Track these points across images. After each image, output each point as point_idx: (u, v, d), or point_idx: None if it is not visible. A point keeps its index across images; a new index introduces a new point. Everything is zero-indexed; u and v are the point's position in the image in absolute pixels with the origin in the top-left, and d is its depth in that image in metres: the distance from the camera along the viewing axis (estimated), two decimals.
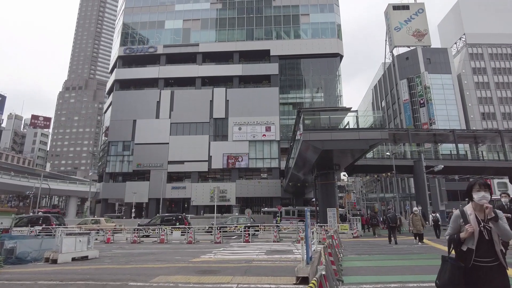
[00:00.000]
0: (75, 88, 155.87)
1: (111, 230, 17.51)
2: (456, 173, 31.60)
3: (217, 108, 53.36)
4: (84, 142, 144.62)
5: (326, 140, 18.63)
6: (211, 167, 50.75)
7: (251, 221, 22.43)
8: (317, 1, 59.01)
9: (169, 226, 18.86)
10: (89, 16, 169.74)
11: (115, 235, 19.45)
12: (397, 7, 67.94)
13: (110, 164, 53.83)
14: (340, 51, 55.85)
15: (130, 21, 61.10)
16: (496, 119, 60.93)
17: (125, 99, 55.75)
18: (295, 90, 57.04)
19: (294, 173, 30.99)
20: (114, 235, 19.43)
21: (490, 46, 66.61)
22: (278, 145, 51.10)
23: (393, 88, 68.42)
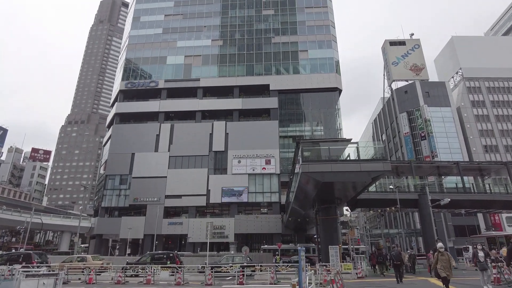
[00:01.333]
0: (77, 122, 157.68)
1: (94, 269, 16.12)
2: (463, 207, 30.30)
3: (217, 141, 53.00)
4: (84, 176, 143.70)
5: (326, 172, 17.80)
6: (209, 201, 49.37)
7: (247, 260, 20.97)
8: (315, 38, 60.67)
9: (159, 265, 17.52)
10: (95, 53, 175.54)
11: (102, 274, 18.06)
12: (394, 43, 69.84)
13: (106, 198, 52.53)
14: (338, 86, 56.48)
15: (133, 56, 62.59)
16: (499, 152, 60.22)
17: (124, 133, 55.62)
18: (295, 124, 57.00)
19: (295, 207, 29.77)
20: (101, 274, 18.05)
21: (486, 80, 67.54)
22: (278, 179, 50.05)
23: (393, 121, 68.47)
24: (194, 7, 66.49)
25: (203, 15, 65.33)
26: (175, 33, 64.18)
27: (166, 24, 65.34)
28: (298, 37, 61.01)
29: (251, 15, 64.33)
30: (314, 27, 61.81)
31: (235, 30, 63.14)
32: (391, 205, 26.78)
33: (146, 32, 64.98)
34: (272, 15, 64.03)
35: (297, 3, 64.48)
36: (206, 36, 63.35)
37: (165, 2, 67.80)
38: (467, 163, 31.58)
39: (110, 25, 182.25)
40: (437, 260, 10.89)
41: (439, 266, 10.65)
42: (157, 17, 66.33)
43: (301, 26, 61.99)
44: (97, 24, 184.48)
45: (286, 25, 62.44)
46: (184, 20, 65.35)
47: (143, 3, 68.22)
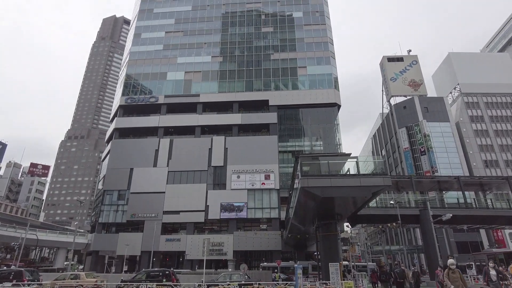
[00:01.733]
0: (77, 137, 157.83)
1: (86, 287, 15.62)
2: (465, 223, 29.83)
3: (216, 156, 52.79)
4: (82, 191, 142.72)
5: (325, 187, 17.53)
6: (208, 217, 48.72)
7: (245, 278, 20.41)
8: (314, 55, 61.39)
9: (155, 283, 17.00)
10: (96, 69, 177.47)
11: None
12: (392, 59, 70.68)
13: (104, 214, 51.88)
14: (337, 101, 56.74)
15: (133, 72, 63.16)
16: (499, 167, 59.97)
17: (123, 148, 55.49)
18: (294, 139, 56.97)
19: (294, 223, 29.27)
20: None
21: (484, 95, 68.03)
22: (277, 194, 49.58)
23: (393, 136, 68.50)
24: (195, 24, 67.60)
25: (203, 32, 66.34)
26: (176, 49, 64.97)
27: (166, 40, 66.25)
28: (296, 54, 61.76)
29: (251, 32, 65.36)
30: (313, 44, 62.65)
31: (235, 47, 64.00)
32: (392, 220, 26.35)
33: (147, 49, 65.79)
34: (271, 32, 65.05)
35: (295, 20, 65.63)
36: (206, 52, 64.12)
37: (166, 19, 68.97)
38: (468, 178, 31.30)
39: (112, 42, 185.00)
40: (449, 278, 10.11)
41: (453, 286, 9.91)
42: (158, 34, 67.32)
43: (299, 43, 62.85)
44: (99, 41, 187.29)
45: (285, 42, 63.31)
46: (185, 37, 66.30)
47: (144, 20, 69.40)
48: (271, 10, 67.55)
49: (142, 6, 71.25)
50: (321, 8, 66.81)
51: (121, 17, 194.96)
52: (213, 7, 69.45)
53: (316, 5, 67.32)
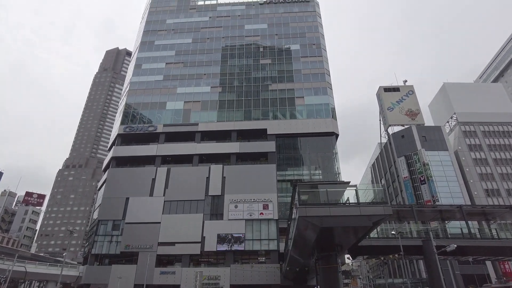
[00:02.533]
0: (75, 166, 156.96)
1: None
2: (471, 254, 28.79)
3: (213, 185, 52.07)
4: (77, 221, 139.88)
5: (325, 216, 16.97)
6: (204, 249, 47.14)
7: None
8: (311, 85, 62.48)
9: None
10: (97, 99, 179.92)
11: None
12: (388, 89, 71.94)
13: (97, 245, 50.23)
14: (335, 130, 56.95)
15: (133, 101, 63.79)
16: (501, 196, 59.20)
17: (120, 176, 54.87)
18: (293, 167, 56.57)
19: (293, 256, 28.23)
20: None
21: (481, 124, 68.59)
22: (276, 225, 48.35)
23: (392, 165, 68.19)
24: (195, 56, 69.31)
25: (203, 64, 67.89)
26: (176, 79, 66.11)
27: (167, 71, 67.57)
28: (294, 84, 62.84)
29: (250, 64, 66.92)
30: (310, 75, 63.96)
31: (234, 77, 65.24)
32: (394, 252, 25.41)
33: (147, 79, 66.94)
34: (269, 64, 66.65)
35: (293, 53, 67.46)
36: (206, 83, 65.23)
37: (167, 51, 70.80)
38: (470, 207, 30.62)
39: (114, 72, 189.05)
40: None
41: None
42: (159, 65, 68.79)
43: (297, 74, 64.19)
44: (101, 72, 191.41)
45: (283, 73, 64.66)
46: (185, 68, 67.73)
47: (145, 52, 71.18)
48: (269, 43, 69.59)
49: (144, 38, 73.41)
50: (318, 41, 68.90)
51: (123, 49, 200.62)
52: (213, 40, 71.57)
53: (312, 38, 69.51)
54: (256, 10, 76.20)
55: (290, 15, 74.30)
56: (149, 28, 75.05)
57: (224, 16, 75.91)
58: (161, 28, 74.73)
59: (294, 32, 70.91)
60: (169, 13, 77.62)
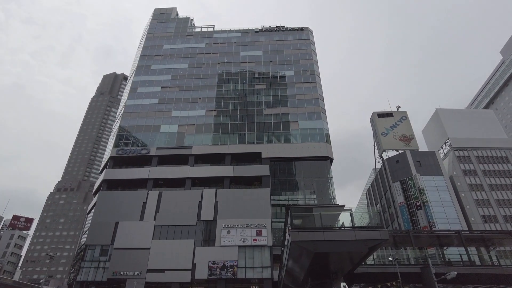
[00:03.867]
0: (66, 190, 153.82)
1: None
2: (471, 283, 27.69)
3: (206, 210, 50.83)
4: (66, 246, 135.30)
5: (318, 241, 16.24)
6: (195, 277, 45.22)
7: None
8: (305, 110, 62.95)
9: None
10: (93, 122, 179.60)
11: None
12: (382, 114, 72.65)
13: (83, 272, 48.01)
14: (329, 155, 56.76)
15: (127, 124, 63.48)
16: (498, 222, 58.44)
17: (110, 200, 53.50)
18: (287, 192, 55.74)
19: (287, 284, 27.06)
20: None
21: (475, 149, 68.93)
22: (270, 252, 46.84)
23: (387, 191, 67.59)
24: (191, 80, 69.99)
25: (198, 88, 68.43)
26: (171, 103, 66.29)
27: (162, 95, 67.86)
28: (288, 109, 63.29)
29: (245, 89, 67.62)
30: (304, 100, 64.62)
31: (229, 102, 65.62)
32: (391, 279, 24.35)
33: (142, 102, 67.05)
34: (264, 89, 67.39)
35: (287, 79, 68.48)
36: (201, 107, 65.45)
37: (163, 75, 71.49)
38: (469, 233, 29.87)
39: (111, 96, 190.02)
40: None
41: None
42: (154, 89, 69.18)
43: (291, 99, 64.84)
44: (98, 96, 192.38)
45: (277, 98, 65.27)
46: (180, 92, 68.15)
47: (141, 76, 71.76)
48: (264, 69, 70.73)
49: (141, 62, 74.26)
50: (312, 67, 70.22)
51: (121, 74, 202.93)
52: (209, 65, 72.63)
53: (306, 64, 70.88)
54: (251, 38, 78.02)
55: (285, 42, 76.09)
56: (146, 53, 76.15)
57: (220, 42, 77.51)
58: (158, 53, 75.87)
59: (289, 59, 72.33)
60: (166, 38, 79.14)
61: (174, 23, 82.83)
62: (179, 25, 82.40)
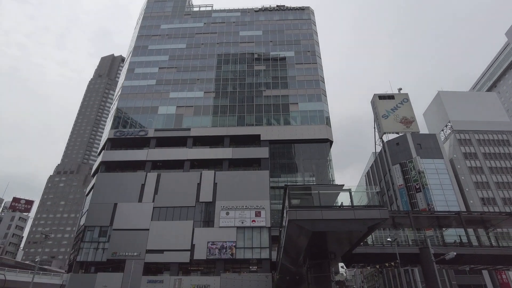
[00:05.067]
0: (66, 173, 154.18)
1: None
2: (470, 263, 27.72)
3: (205, 192, 50.68)
4: (67, 228, 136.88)
5: (316, 220, 15.83)
6: (194, 257, 45.50)
7: None
8: (305, 92, 61.89)
9: None
10: (91, 105, 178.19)
11: None
12: (383, 97, 71.56)
13: (83, 252, 48.32)
14: (329, 137, 56.17)
15: (124, 106, 62.60)
16: (497, 205, 58.45)
17: (108, 182, 53.27)
18: (286, 174, 55.47)
19: (284, 264, 26.96)
20: None
21: (476, 132, 68.26)
22: (268, 233, 46.94)
23: (386, 173, 67.38)
24: (189, 61, 68.56)
25: (197, 69, 67.12)
26: (169, 84, 65.16)
27: (159, 76, 66.64)
28: (288, 91, 62.20)
29: (244, 70, 66.29)
30: (304, 81, 63.45)
31: (228, 83, 64.47)
32: (390, 260, 24.27)
33: (140, 83, 65.92)
34: (263, 70, 66.06)
35: (287, 60, 67.02)
36: (199, 88, 64.35)
37: (160, 56, 69.97)
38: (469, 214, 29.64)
39: (109, 79, 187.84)
40: None
41: None
42: (151, 70, 67.87)
43: (291, 80, 63.63)
44: (96, 78, 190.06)
45: (277, 80, 64.05)
46: (178, 73, 66.88)
47: (138, 56, 70.27)
48: (264, 50, 69.16)
49: (138, 42, 72.61)
50: (312, 48, 68.65)
51: (119, 56, 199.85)
52: (207, 46, 70.98)
53: (307, 45, 69.24)
54: (251, 17, 76.00)
55: (285, 22, 74.15)
56: (143, 33, 74.37)
57: (219, 22, 75.56)
58: (155, 33, 74.09)
59: (289, 39, 70.64)
60: (164, 18, 77.13)
61: (172, 2, 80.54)
62: (177, 4, 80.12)
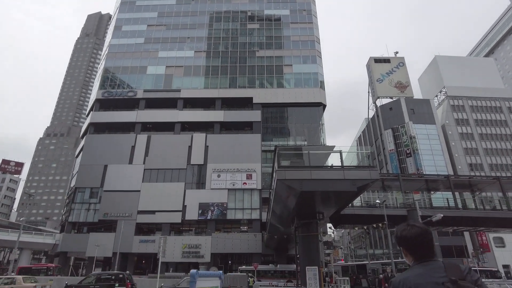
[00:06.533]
0: (56, 135, 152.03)
1: None
2: (455, 225, 28.38)
3: (196, 154, 50.30)
4: (60, 190, 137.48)
5: (305, 180, 15.50)
6: (185, 218, 46.09)
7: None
8: (300, 53, 59.88)
9: None
10: (79, 66, 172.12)
11: None
12: (378, 60, 69.87)
13: (74, 213, 48.58)
14: (322, 101, 55.24)
15: (112, 65, 60.17)
16: (484, 170, 59.50)
17: (97, 143, 52.39)
18: (278, 138, 55.02)
19: (273, 223, 27.23)
20: None
21: (470, 98, 67.85)
22: (259, 195, 47.41)
23: (378, 138, 67.48)
24: (178, 18, 65.18)
25: (187, 27, 63.99)
26: (157, 43, 62.34)
27: (148, 34, 63.55)
28: (282, 51, 60.10)
29: (236, 28, 63.43)
30: (299, 42, 61.18)
31: (219, 42, 61.88)
32: (377, 221, 24.61)
33: (127, 41, 62.93)
34: (257, 29, 63.27)
35: (282, 18, 64.09)
36: (189, 47, 61.73)
37: (149, 12, 66.31)
38: (457, 178, 29.91)
39: (97, 38, 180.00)
40: None
41: None
42: (140, 27, 64.56)
43: (286, 40, 61.29)
44: (83, 38, 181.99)
45: (271, 39, 61.62)
46: (167, 30, 63.78)
47: (126, 13, 66.51)
48: (257, 7, 65.82)
49: None
50: (309, 6, 65.54)
51: (106, 14, 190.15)
52: (198, 2, 67.24)
53: (303, 3, 66.00)
54: None
55: None
56: None
57: None
58: None
59: None
60: None
61: None
62: None
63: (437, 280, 1.78)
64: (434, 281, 1.79)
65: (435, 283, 1.77)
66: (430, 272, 1.87)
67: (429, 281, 1.79)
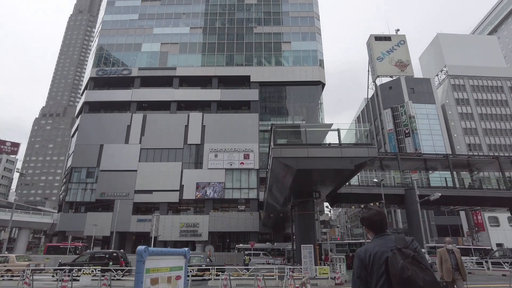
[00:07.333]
0: (52, 115, 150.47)
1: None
2: (453, 204, 28.34)
3: (193, 134, 49.73)
4: (58, 171, 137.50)
5: (301, 158, 15.05)
6: (183, 197, 46.09)
7: (207, 261, 18.07)
8: (299, 29, 58.25)
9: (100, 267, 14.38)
10: (73, 44, 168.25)
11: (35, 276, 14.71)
12: (379, 37, 68.21)
13: (71, 193, 48.45)
14: (321, 79, 54.17)
15: (106, 42, 58.48)
16: (482, 151, 59.32)
17: (93, 123, 51.63)
18: (276, 117, 54.30)
19: (270, 202, 27.06)
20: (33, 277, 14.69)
21: (471, 78, 66.78)
22: (257, 174, 47.25)
23: (377, 118, 66.86)
24: None
25: (182, 2, 61.82)
26: (152, 19, 60.40)
27: (142, 9, 61.44)
28: (281, 28, 58.41)
29: (233, 3, 61.36)
30: (298, 18, 59.40)
31: (216, 18, 60.00)
32: (375, 200, 24.44)
33: (121, 18, 60.92)
34: (255, 4, 61.22)
35: None
36: (185, 23, 59.88)
37: None
38: (456, 157, 29.61)
39: (90, 15, 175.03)
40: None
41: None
42: (134, 2, 62.34)
43: (284, 16, 59.45)
44: (76, 14, 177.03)
45: (269, 15, 59.76)
46: (162, 6, 61.65)
47: None
48: None
49: None
50: None
51: None
52: None
53: None
54: None
55: None
56: None
57: None
58: None
59: None
60: None
61: None
62: None
63: (389, 248, 2.34)
64: (387, 249, 2.35)
65: (387, 250, 2.34)
66: (384, 243, 2.42)
67: (384, 250, 2.35)
